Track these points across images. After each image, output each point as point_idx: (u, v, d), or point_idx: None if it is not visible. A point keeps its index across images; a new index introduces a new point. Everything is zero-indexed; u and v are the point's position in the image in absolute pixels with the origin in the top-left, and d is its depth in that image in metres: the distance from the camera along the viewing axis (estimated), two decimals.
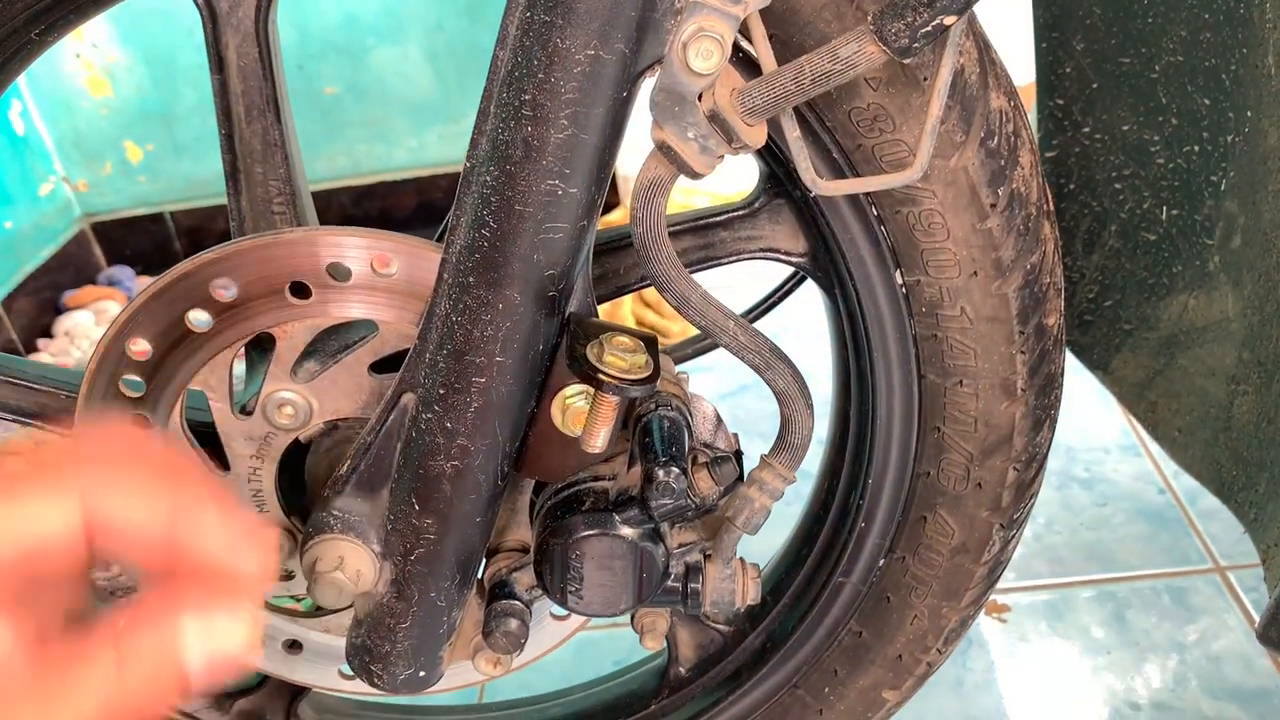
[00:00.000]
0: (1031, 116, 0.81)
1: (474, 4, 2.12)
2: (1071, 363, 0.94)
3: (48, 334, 2.06)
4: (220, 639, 0.41)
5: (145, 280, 2.19)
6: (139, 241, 2.27)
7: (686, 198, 2.08)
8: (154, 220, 2.27)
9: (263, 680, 0.88)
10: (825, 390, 0.79)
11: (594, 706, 0.94)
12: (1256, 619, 1.17)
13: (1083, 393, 1.57)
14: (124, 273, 2.17)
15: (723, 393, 1.67)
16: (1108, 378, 0.97)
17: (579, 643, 1.24)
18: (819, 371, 0.85)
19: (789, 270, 0.86)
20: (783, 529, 0.87)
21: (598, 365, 0.52)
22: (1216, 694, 1.13)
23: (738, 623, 0.87)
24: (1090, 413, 1.55)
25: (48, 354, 1.97)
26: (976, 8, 0.54)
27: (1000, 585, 1.29)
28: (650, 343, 0.56)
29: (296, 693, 0.89)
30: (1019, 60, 0.68)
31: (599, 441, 0.56)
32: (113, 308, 1.98)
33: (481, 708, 1.03)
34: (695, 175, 0.54)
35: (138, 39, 2.10)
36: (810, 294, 0.82)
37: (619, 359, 0.52)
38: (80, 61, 2.12)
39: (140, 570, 0.42)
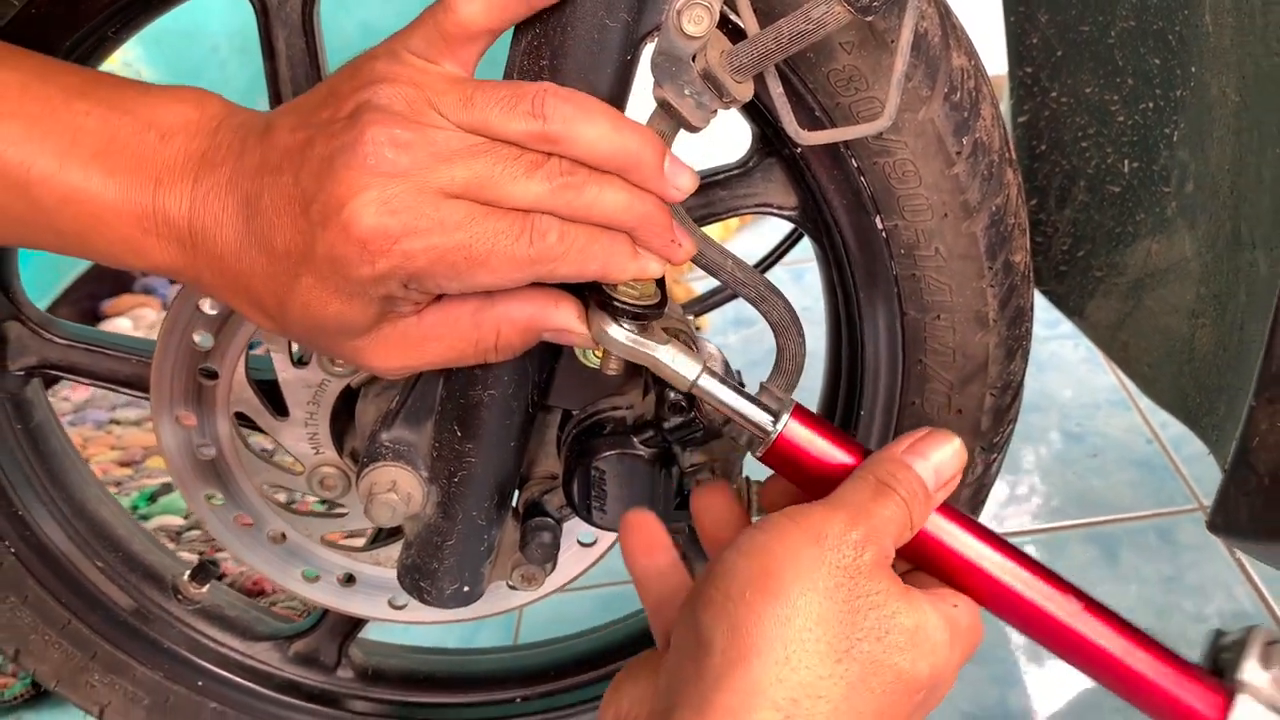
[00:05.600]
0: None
1: None
2: (1064, 326, 1.01)
3: None
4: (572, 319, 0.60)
5: (178, 285, 2.27)
6: None
7: None
8: None
9: (319, 620, 0.97)
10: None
11: (620, 640, 1.03)
12: (1237, 552, 1.25)
13: (1076, 353, 1.66)
14: (158, 280, 2.25)
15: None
16: (1083, 322, 1.05)
17: (605, 597, 1.33)
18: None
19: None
20: None
21: (611, 294, 0.60)
22: (1203, 618, 1.21)
23: None
24: (1082, 371, 1.63)
25: None
26: None
27: (998, 531, 1.36)
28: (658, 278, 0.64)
29: (347, 634, 0.98)
30: (989, 53, 0.76)
31: (616, 364, 0.64)
32: (149, 314, 2.06)
33: (514, 647, 1.11)
34: (693, 129, 0.62)
35: (166, 58, 2.18)
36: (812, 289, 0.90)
37: (630, 288, 0.60)
38: None
39: None
